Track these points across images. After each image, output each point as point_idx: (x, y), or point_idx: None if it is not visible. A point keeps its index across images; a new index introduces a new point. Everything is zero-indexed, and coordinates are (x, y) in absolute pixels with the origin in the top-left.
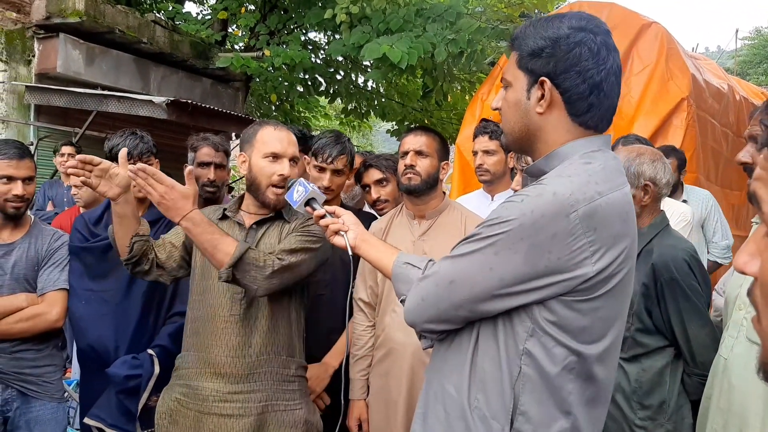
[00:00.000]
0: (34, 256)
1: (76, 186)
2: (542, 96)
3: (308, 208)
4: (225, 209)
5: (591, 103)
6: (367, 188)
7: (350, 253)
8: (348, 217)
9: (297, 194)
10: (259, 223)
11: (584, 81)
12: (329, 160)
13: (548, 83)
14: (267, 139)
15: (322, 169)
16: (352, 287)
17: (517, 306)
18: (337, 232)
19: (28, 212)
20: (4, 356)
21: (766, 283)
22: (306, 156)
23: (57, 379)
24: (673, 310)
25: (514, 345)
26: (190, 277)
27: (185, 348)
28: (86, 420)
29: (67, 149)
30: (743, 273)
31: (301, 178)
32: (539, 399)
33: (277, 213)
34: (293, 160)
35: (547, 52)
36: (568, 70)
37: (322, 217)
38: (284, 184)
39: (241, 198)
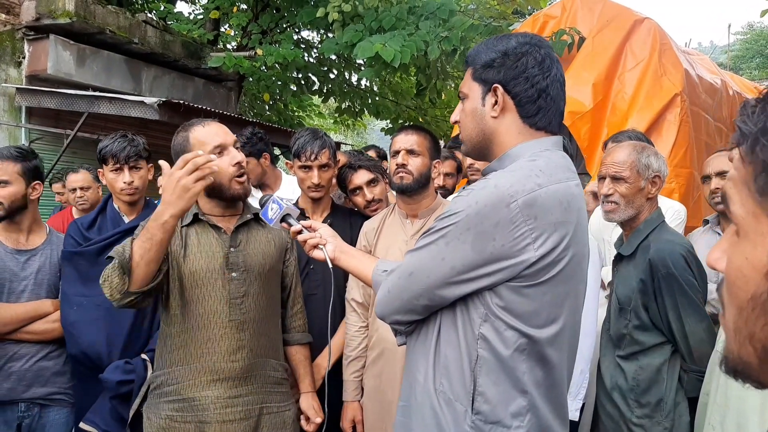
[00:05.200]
0: (57, 262)
1: (82, 189)
2: (496, 101)
3: (284, 224)
4: (196, 213)
5: (540, 106)
6: (356, 191)
7: (330, 266)
8: (325, 230)
9: (272, 212)
10: (237, 228)
11: (532, 86)
12: (313, 156)
13: (500, 89)
14: (202, 139)
15: (308, 168)
16: (332, 299)
17: (470, 292)
18: (315, 246)
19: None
20: (27, 363)
21: (729, 278)
22: (288, 161)
23: (70, 385)
24: (670, 306)
25: (471, 331)
26: (164, 294)
27: (169, 364)
28: (82, 425)
29: (57, 188)
30: (714, 269)
31: (275, 195)
32: (495, 380)
33: (255, 216)
34: (234, 145)
35: (498, 62)
36: (517, 77)
37: (299, 232)
38: (243, 170)
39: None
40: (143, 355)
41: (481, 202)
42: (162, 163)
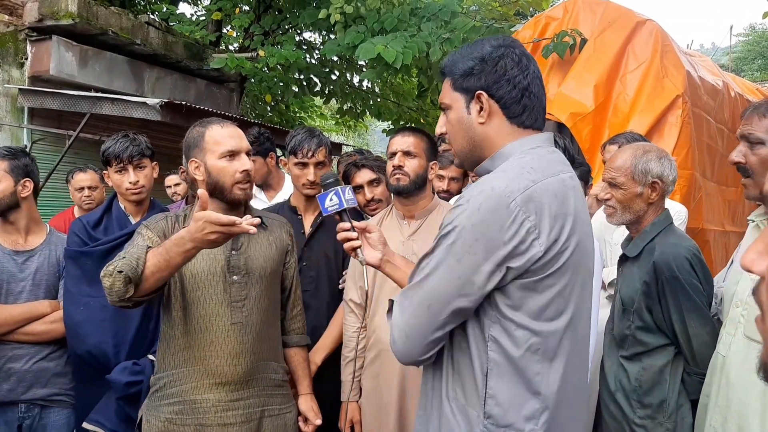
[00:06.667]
0: (56, 263)
1: (90, 188)
2: (481, 108)
3: (336, 216)
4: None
5: (524, 104)
6: (359, 189)
7: (365, 275)
8: (376, 236)
9: (330, 203)
10: None
11: (515, 87)
12: (309, 154)
13: (484, 95)
14: (218, 139)
15: (304, 165)
16: (367, 307)
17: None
18: (354, 249)
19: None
20: (28, 363)
21: None
22: (282, 158)
23: (71, 386)
24: (674, 308)
25: (481, 334)
26: (165, 296)
27: (173, 366)
28: (85, 425)
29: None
30: (750, 271)
31: (339, 188)
32: (507, 382)
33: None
34: (248, 153)
35: (477, 69)
36: (498, 80)
37: (347, 229)
38: (249, 178)
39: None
40: (150, 356)
41: (483, 208)
42: (201, 192)
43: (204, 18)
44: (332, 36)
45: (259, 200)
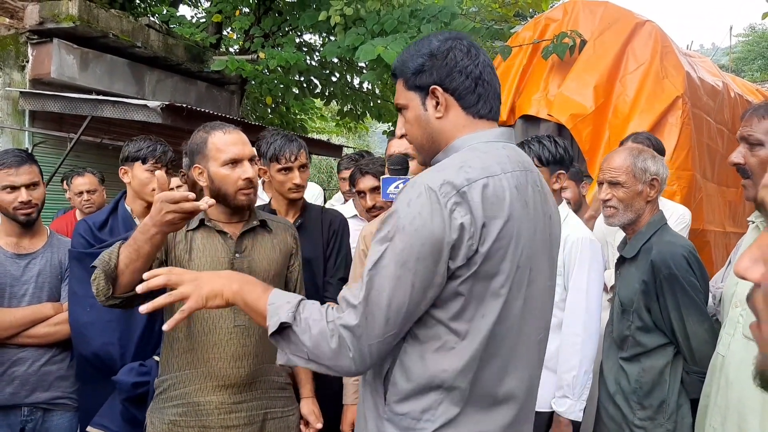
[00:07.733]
0: (58, 265)
1: (89, 192)
2: (437, 102)
3: (389, 202)
4: (202, 219)
5: (479, 93)
6: (361, 194)
7: None
8: None
9: (396, 191)
10: (243, 233)
11: (467, 77)
12: (293, 158)
13: (439, 89)
14: (221, 146)
15: (288, 170)
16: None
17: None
18: None
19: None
20: (32, 367)
21: None
22: (260, 166)
23: (75, 390)
24: (672, 306)
25: None
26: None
27: (176, 368)
28: (90, 429)
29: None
30: (744, 278)
31: (408, 178)
32: (410, 372)
33: (261, 222)
34: (251, 159)
35: (428, 65)
36: (450, 72)
37: None
38: (252, 185)
39: None
40: (155, 357)
41: (417, 207)
42: (158, 174)
43: (204, 20)
44: (332, 38)
45: (262, 200)
